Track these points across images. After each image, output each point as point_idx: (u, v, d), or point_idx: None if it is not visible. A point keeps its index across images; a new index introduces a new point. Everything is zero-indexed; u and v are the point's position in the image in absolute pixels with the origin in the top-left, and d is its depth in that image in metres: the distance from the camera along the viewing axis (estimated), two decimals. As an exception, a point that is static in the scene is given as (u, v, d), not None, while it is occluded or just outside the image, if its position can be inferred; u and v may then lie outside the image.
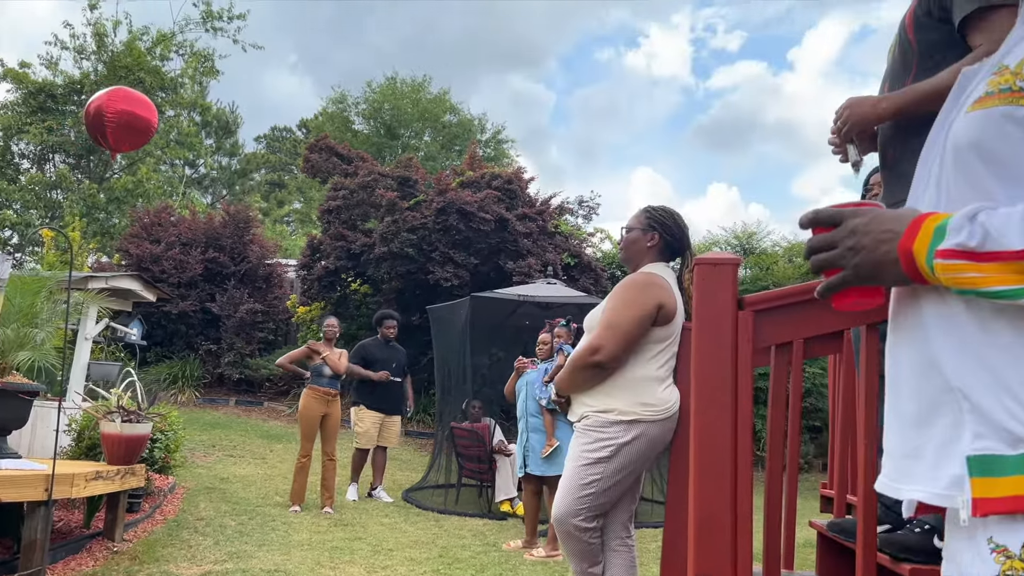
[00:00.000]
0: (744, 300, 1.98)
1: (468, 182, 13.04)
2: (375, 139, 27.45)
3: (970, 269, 0.81)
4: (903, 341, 0.96)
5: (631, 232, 2.85)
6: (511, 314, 10.14)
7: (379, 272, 12.60)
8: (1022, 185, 0.85)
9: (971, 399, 0.84)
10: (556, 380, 2.91)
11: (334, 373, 6.79)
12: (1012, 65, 0.89)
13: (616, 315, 2.63)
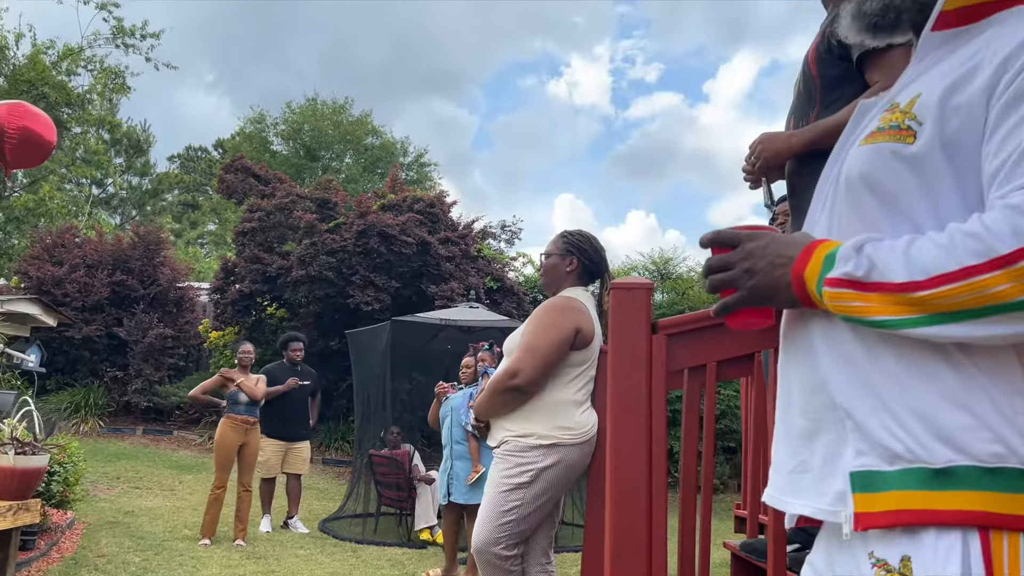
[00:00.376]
0: (658, 324, 2.01)
1: (390, 205, 12.95)
2: (294, 160, 27.01)
3: (855, 298, 0.84)
4: (793, 360, 1.00)
5: (550, 258, 2.87)
6: (433, 338, 10.06)
7: (296, 296, 12.33)
8: (906, 219, 0.89)
9: (855, 418, 0.87)
10: (475, 405, 2.89)
11: (251, 400, 6.57)
12: (903, 103, 0.93)
13: (535, 339, 2.63)
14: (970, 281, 0.77)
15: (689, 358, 2.02)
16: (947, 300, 0.78)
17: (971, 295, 0.77)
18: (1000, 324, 0.77)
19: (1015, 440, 0.79)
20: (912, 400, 0.84)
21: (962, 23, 0.94)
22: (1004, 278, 0.75)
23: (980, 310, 0.77)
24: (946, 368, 0.83)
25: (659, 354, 1.99)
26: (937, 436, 0.82)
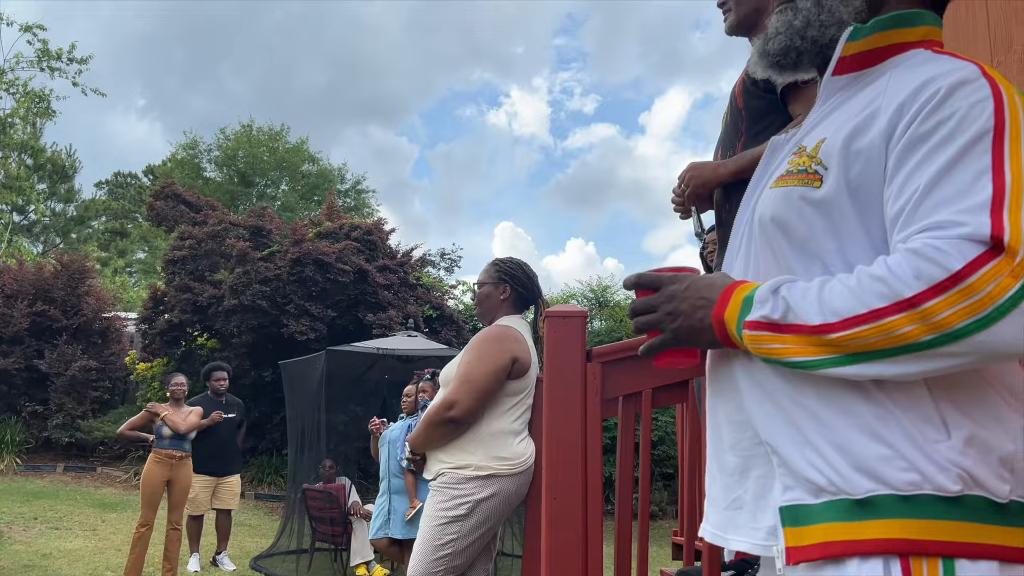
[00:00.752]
0: (592, 352, 2.01)
1: (326, 232, 12.78)
2: (228, 187, 26.52)
3: (773, 340, 0.86)
4: (719, 398, 1.02)
5: (483, 287, 2.86)
6: (370, 368, 9.91)
7: (228, 326, 12.01)
8: (816, 260, 0.91)
9: (779, 453, 0.89)
10: (410, 438, 2.83)
11: (175, 433, 6.33)
12: (809, 148, 0.96)
13: (471, 369, 2.60)
14: (879, 323, 0.79)
15: (624, 385, 2.02)
16: (858, 341, 0.81)
17: (880, 336, 0.79)
18: (909, 363, 0.80)
19: (928, 468, 0.81)
20: (832, 434, 0.86)
21: (860, 68, 0.99)
22: (909, 320, 0.78)
23: (889, 351, 0.80)
24: (862, 402, 0.85)
25: (594, 382, 1.98)
26: (857, 467, 0.84)
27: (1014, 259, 0.75)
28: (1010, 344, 0.76)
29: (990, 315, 0.75)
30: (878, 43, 0.97)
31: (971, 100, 0.83)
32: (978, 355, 0.77)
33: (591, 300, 15.74)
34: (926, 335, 0.77)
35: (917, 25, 0.98)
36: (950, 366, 0.79)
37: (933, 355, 0.78)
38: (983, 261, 0.76)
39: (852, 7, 0.99)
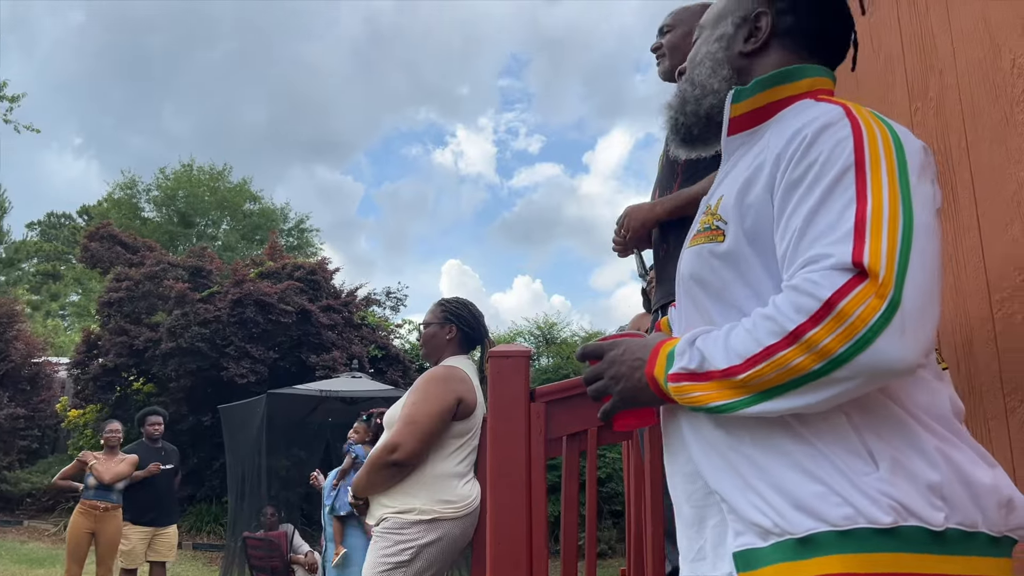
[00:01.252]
0: (536, 392, 2.00)
1: (268, 272, 12.58)
2: (167, 227, 25.96)
3: (694, 389, 0.90)
4: (672, 452, 1.06)
5: (429, 327, 2.83)
6: (313, 411, 9.71)
7: (166, 369, 11.66)
8: (734, 309, 0.96)
9: (728, 501, 0.92)
10: (353, 482, 2.77)
11: (99, 483, 6.06)
12: (712, 205, 1.03)
13: (415, 410, 2.56)
14: (773, 359, 0.83)
15: (568, 424, 2.02)
16: (761, 379, 0.84)
17: (777, 371, 0.83)
18: (810, 393, 0.83)
19: (861, 501, 0.83)
20: (769, 477, 0.89)
21: (751, 125, 1.05)
22: (797, 352, 0.81)
23: (789, 384, 0.83)
24: (793, 442, 0.88)
25: (538, 422, 1.97)
26: (796, 507, 0.86)
27: (877, 281, 0.79)
28: (893, 360, 0.79)
29: (865, 336, 0.78)
30: (764, 100, 1.04)
31: (833, 141, 0.89)
32: (866, 376, 0.80)
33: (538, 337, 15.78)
34: (815, 364, 0.80)
35: (800, 79, 1.04)
36: (848, 390, 0.81)
37: (828, 382, 0.81)
38: (850, 287, 0.79)
39: (720, 76, 1.09)
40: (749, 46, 1.08)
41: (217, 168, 27.41)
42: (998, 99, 1.36)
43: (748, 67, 1.08)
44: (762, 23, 1.08)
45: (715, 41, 1.11)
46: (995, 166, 1.37)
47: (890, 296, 0.78)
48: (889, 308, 0.78)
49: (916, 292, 0.80)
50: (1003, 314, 1.35)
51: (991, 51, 1.38)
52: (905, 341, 0.78)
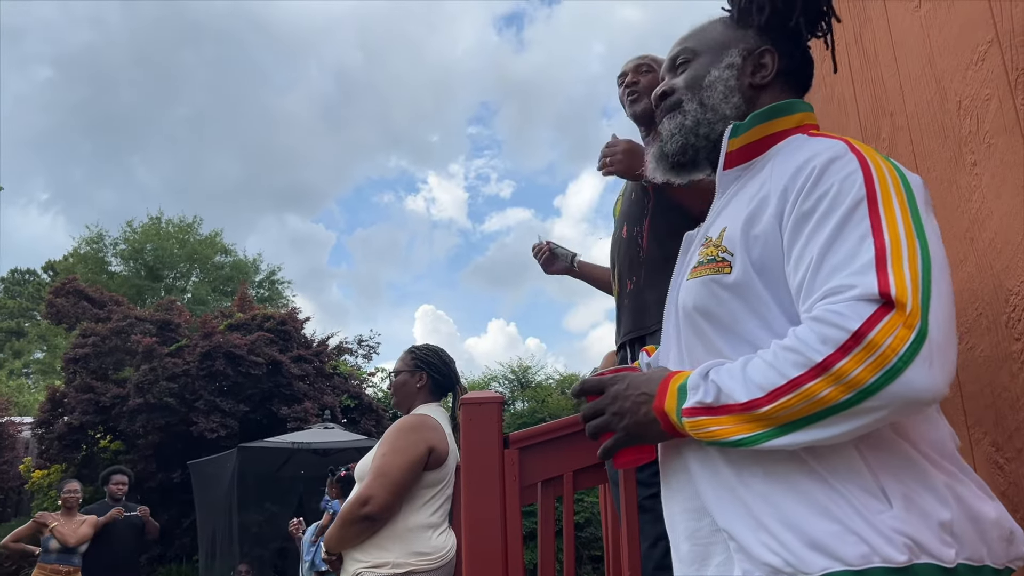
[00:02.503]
0: (509, 438, 1.99)
1: (237, 324, 12.42)
2: (135, 281, 25.62)
3: (712, 423, 0.89)
4: (674, 487, 1.04)
5: (399, 375, 2.81)
6: (285, 464, 9.53)
7: (134, 426, 11.39)
8: (743, 341, 0.96)
9: (736, 539, 0.90)
10: (325, 538, 2.71)
11: (63, 546, 5.85)
12: (714, 237, 1.03)
13: (386, 462, 2.53)
14: (800, 391, 0.82)
15: (543, 470, 2.00)
16: (787, 411, 0.84)
17: (804, 403, 0.82)
18: (836, 425, 0.82)
19: (876, 539, 0.83)
20: (783, 515, 0.88)
21: (747, 159, 1.08)
22: (826, 383, 0.81)
23: (815, 415, 0.82)
24: (807, 479, 0.88)
25: (512, 468, 1.96)
26: (811, 546, 0.85)
27: (905, 311, 0.80)
28: (922, 390, 0.79)
29: (896, 366, 0.78)
30: (759, 135, 1.06)
31: (843, 174, 0.91)
32: (896, 406, 0.80)
33: (512, 381, 15.70)
34: (844, 395, 0.80)
35: (792, 113, 1.08)
36: (875, 420, 0.82)
37: (856, 413, 0.81)
38: (878, 317, 0.80)
39: (731, 103, 1.10)
40: (758, 79, 1.12)
41: (187, 220, 27.24)
42: (947, 139, 1.41)
43: (754, 100, 1.11)
44: (767, 60, 1.12)
45: (726, 68, 1.12)
46: (947, 204, 1.41)
47: (918, 327, 0.79)
48: (918, 338, 0.79)
49: (941, 322, 0.81)
50: (964, 347, 1.37)
51: (938, 94, 1.43)
52: (933, 371, 0.79)
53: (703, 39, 1.17)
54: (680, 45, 1.18)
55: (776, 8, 1.11)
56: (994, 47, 1.27)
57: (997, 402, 1.28)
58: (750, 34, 1.14)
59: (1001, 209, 1.26)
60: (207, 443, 10.75)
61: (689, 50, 1.16)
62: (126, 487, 6.82)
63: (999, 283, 1.27)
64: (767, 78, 1.12)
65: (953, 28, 1.38)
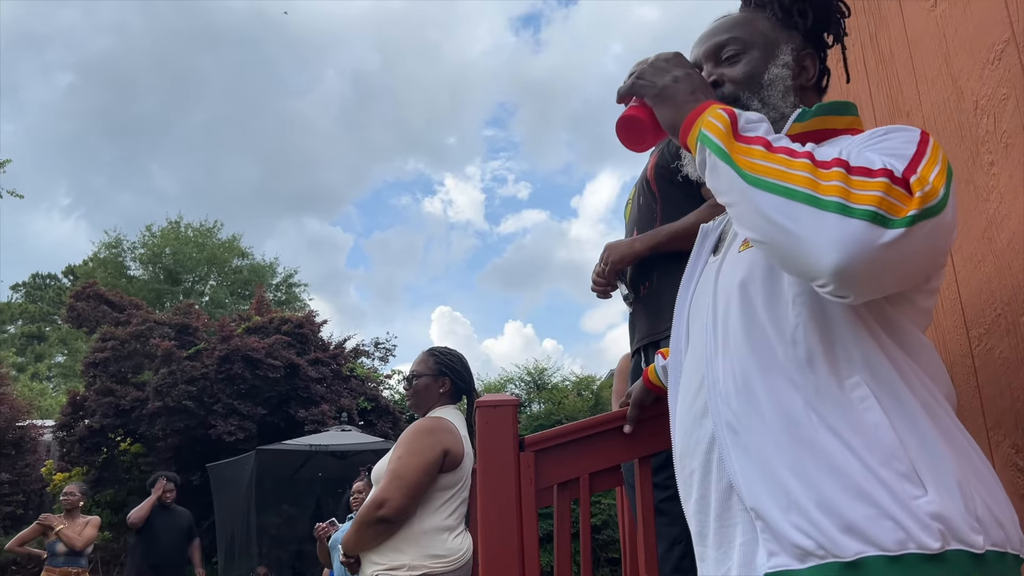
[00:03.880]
0: (525, 441, 1.99)
1: (255, 327, 12.52)
2: (154, 285, 25.87)
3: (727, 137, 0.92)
4: (697, 469, 1.02)
5: (421, 378, 2.81)
6: (302, 466, 9.59)
7: (153, 429, 11.50)
8: (784, 306, 0.96)
9: (764, 518, 0.89)
10: (343, 540, 2.73)
11: (70, 549, 5.90)
12: None
13: (401, 465, 2.54)
14: (799, 161, 0.86)
15: (559, 473, 2.00)
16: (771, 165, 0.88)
17: (786, 170, 0.86)
18: (784, 200, 0.84)
19: (912, 525, 0.83)
20: (817, 495, 0.87)
21: (807, 142, 1.06)
22: (830, 176, 0.83)
23: (787, 183, 0.85)
24: (845, 460, 0.87)
25: (527, 471, 1.96)
26: (845, 529, 0.84)
27: (910, 199, 0.81)
28: (874, 249, 0.79)
29: (877, 214, 0.80)
30: (817, 126, 1.07)
31: (906, 134, 0.93)
32: (848, 238, 0.80)
33: (528, 383, 15.69)
34: (825, 192, 0.82)
35: (848, 114, 1.10)
36: (829, 235, 0.82)
37: (816, 208, 0.82)
38: (886, 174, 0.82)
39: (789, 102, 1.12)
40: (804, 81, 1.15)
41: (207, 225, 27.48)
42: (964, 139, 1.40)
43: (802, 100, 1.15)
44: (808, 64, 1.16)
45: (783, 67, 1.13)
46: (965, 204, 1.39)
47: (910, 215, 0.80)
48: (901, 220, 0.80)
49: (922, 236, 0.81)
50: (982, 349, 1.36)
51: (954, 94, 1.42)
52: (894, 247, 0.80)
53: (752, 32, 1.15)
54: (727, 33, 1.16)
55: (818, 16, 1.15)
56: (1011, 46, 1.26)
57: (1017, 404, 1.27)
58: (795, 35, 1.16)
59: (1019, 209, 1.25)
60: (225, 446, 10.84)
61: (740, 40, 1.15)
62: (174, 492, 6.77)
63: (1018, 283, 1.26)
64: (812, 81, 1.15)
65: (969, 28, 1.37)
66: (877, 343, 0.92)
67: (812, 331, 0.93)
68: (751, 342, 0.97)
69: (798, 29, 1.15)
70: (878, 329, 0.93)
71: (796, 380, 0.92)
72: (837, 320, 0.93)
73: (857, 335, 0.92)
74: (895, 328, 0.93)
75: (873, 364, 0.91)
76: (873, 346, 0.91)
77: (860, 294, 0.84)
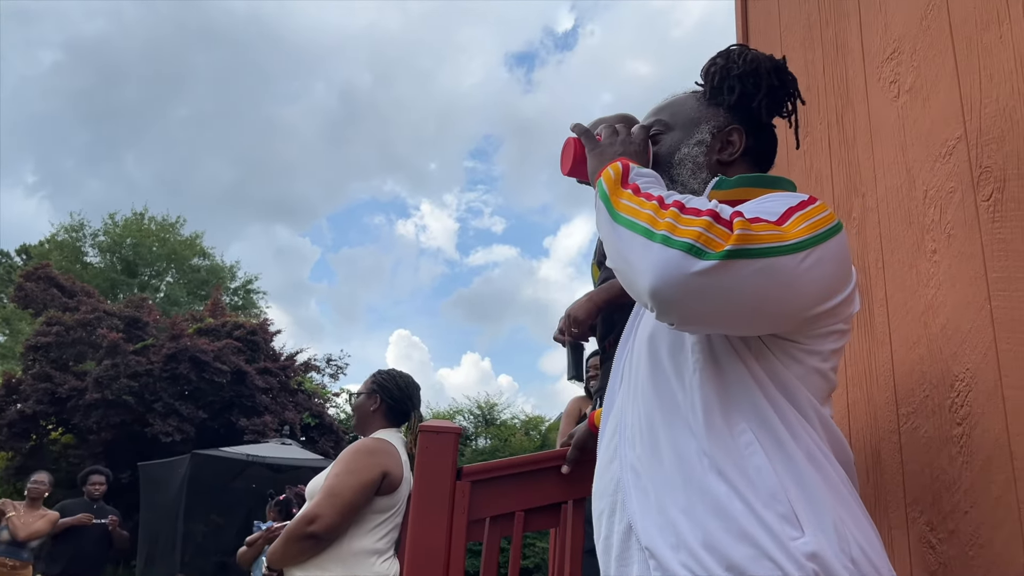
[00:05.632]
0: (463, 470, 1.99)
1: (207, 329, 12.31)
2: (110, 275, 25.34)
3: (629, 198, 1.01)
4: (605, 509, 1.07)
5: (359, 396, 2.82)
6: (237, 475, 9.38)
7: (88, 421, 11.20)
8: (685, 353, 1.03)
9: (656, 557, 0.94)
10: (268, 552, 2.69)
11: (12, 538, 5.70)
12: None
13: (338, 482, 2.52)
14: (651, 203, 0.96)
15: (494, 507, 2.00)
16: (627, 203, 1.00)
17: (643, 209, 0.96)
18: (634, 235, 0.94)
19: (789, 565, 0.87)
20: (704, 535, 0.92)
21: None
22: (667, 215, 0.92)
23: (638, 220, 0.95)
24: (732, 503, 0.92)
25: (461, 501, 1.96)
26: (728, 568, 0.89)
27: (729, 234, 0.88)
28: (682, 275, 0.87)
29: (669, 237, 0.89)
30: (739, 196, 1.11)
31: (791, 198, 1.01)
32: (665, 265, 0.89)
33: (478, 417, 15.63)
34: (661, 227, 0.91)
35: (774, 187, 1.13)
36: (648, 262, 0.91)
37: (650, 243, 0.92)
38: (719, 220, 0.90)
39: (699, 179, 1.19)
40: (725, 156, 1.20)
41: (170, 220, 27.08)
42: (911, 226, 1.46)
43: (727, 172, 1.20)
44: (735, 138, 1.20)
45: (695, 145, 1.20)
46: (906, 288, 1.46)
47: (725, 250, 0.87)
48: (714, 253, 0.87)
49: (743, 274, 0.88)
50: (908, 427, 1.41)
51: (907, 182, 1.49)
52: (705, 276, 0.87)
53: (676, 113, 1.25)
54: (654, 116, 1.27)
55: (745, 90, 1.19)
56: (961, 143, 1.34)
57: (935, 484, 1.32)
58: (720, 112, 1.22)
59: (955, 298, 1.31)
60: (161, 446, 10.57)
61: (662, 123, 1.25)
62: (104, 487, 6.62)
63: (947, 368, 1.32)
64: (734, 155, 1.19)
65: (926, 122, 1.45)
66: (764, 395, 0.98)
67: (707, 379, 1.00)
68: (656, 388, 1.04)
69: (723, 106, 1.21)
70: (767, 382, 0.99)
71: (692, 426, 0.98)
72: (729, 370, 0.99)
73: (746, 385, 0.98)
74: (784, 384, 0.99)
75: (761, 413, 0.97)
76: (760, 397, 0.98)
77: (681, 320, 0.92)
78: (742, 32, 2.53)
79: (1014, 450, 1.15)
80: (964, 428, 1.26)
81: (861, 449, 1.59)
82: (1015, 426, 1.15)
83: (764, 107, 1.20)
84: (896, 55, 1.57)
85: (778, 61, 1.22)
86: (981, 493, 1.21)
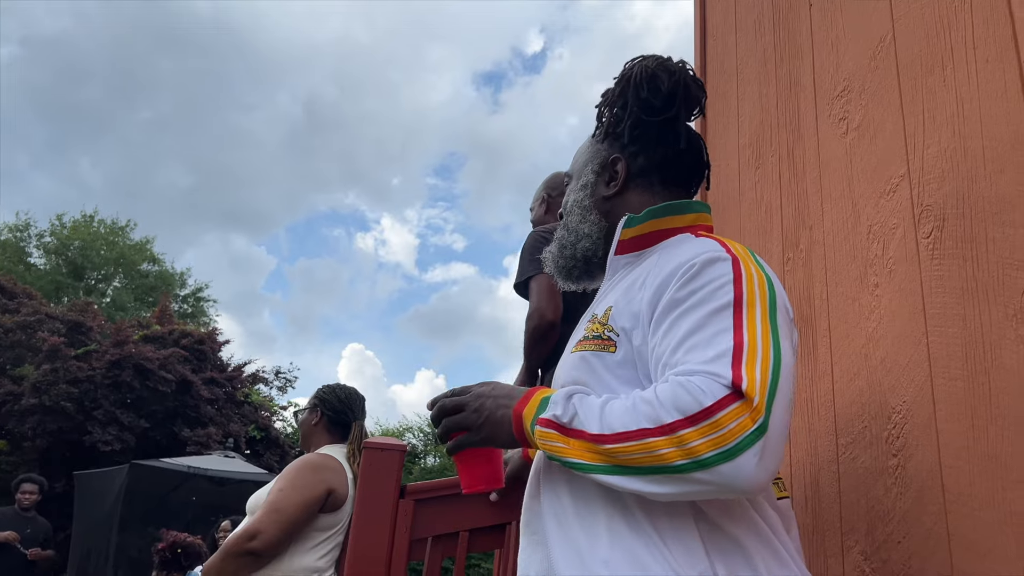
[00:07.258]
0: (407, 488, 1.97)
1: (153, 336, 12.03)
2: (55, 277, 24.62)
3: (558, 440, 0.95)
4: (527, 546, 1.08)
5: (302, 412, 2.78)
6: (177, 488, 9.12)
7: (23, 427, 10.81)
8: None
9: None
10: (205, 567, 2.61)
11: None
12: (599, 315, 1.10)
13: (282, 498, 2.46)
14: (643, 442, 0.88)
15: (437, 526, 1.98)
16: (627, 456, 0.89)
17: (643, 454, 0.88)
18: (665, 484, 0.88)
19: None
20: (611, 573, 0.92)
21: (637, 248, 1.16)
22: (668, 443, 0.87)
23: (650, 468, 0.88)
24: (654, 561, 0.92)
25: (404, 519, 1.93)
26: None
27: (751, 404, 0.86)
28: (747, 477, 0.84)
29: (733, 449, 0.84)
30: (650, 228, 1.14)
31: (717, 275, 0.98)
32: (721, 484, 0.85)
33: (428, 435, 15.50)
34: (680, 459, 0.86)
35: (686, 213, 1.16)
36: (699, 491, 0.87)
37: (684, 479, 0.86)
38: (728, 401, 0.86)
39: (590, 221, 1.21)
40: (610, 190, 1.20)
41: (120, 223, 26.48)
42: (855, 259, 1.50)
43: (613, 208, 1.20)
44: (619, 167, 1.20)
45: (580, 189, 1.23)
46: (848, 320, 1.49)
47: (760, 421, 0.85)
48: (757, 431, 0.85)
49: (779, 424, 0.87)
50: (847, 457, 1.44)
51: (852, 216, 1.53)
52: (762, 464, 0.84)
53: (574, 162, 1.28)
54: (568, 170, 1.30)
55: (618, 112, 1.19)
56: (904, 182, 1.38)
57: (870, 514, 1.34)
58: (603, 147, 1.23)
59: (895, 331, 1.34)
60: (99, 455, 10.26)
61: (567, 175, 1.29)
62: (37, 496, 6.36)
63: (885, 400, 1.35)
64: (618, 185, 1.20)
65: (872, 159, 1.49)
66: None
67: None
68: None
69: (609, 138, 1.21)
70: None
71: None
72: None
73: None
74: None
75: None
76: None
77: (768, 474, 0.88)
78: (700, 64, 2.59)
79: (946, 482, 1.17)
80: (899, 459, 1.29)
81: (800, 477, 1.61)
82: (947, 459, 1.18)
83: (636, 122, 1.17)
84: (846, 93, 1.62)
85: (654, 67, 1.16)
86: (914, 523, 1.23)
